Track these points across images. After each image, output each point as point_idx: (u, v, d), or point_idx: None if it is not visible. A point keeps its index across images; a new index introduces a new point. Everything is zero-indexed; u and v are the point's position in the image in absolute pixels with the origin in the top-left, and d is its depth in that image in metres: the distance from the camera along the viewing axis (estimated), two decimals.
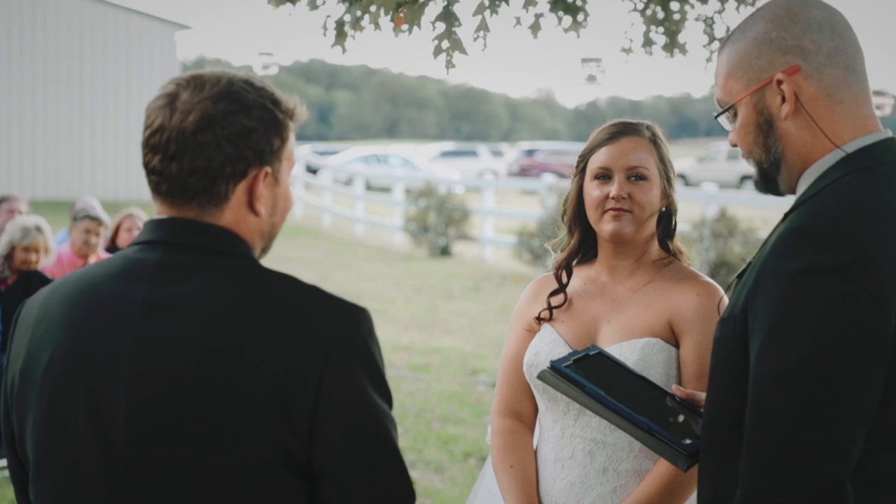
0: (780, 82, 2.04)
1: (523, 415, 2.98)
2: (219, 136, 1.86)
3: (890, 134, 2.07)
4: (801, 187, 2.07)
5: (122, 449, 1.82)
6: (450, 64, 5.00)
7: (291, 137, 1.97)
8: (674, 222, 2.94)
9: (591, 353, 2.42)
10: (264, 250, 2.01)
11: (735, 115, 2.12)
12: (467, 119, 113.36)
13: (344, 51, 5.89)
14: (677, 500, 2.74)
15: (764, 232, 14.42)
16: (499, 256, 19.67)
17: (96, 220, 7.96)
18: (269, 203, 1.95)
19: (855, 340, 1.81)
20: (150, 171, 1.91)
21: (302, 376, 1.79)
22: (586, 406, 2.32)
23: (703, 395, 2.39)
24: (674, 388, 2.39)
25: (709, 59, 5.60)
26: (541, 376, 2.37)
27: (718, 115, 2.16)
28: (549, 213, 17.30)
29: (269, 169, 1.92)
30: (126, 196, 27.70)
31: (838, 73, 2.05)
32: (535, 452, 2.95)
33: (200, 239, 1.89)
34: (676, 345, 2.80)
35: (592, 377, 2.31)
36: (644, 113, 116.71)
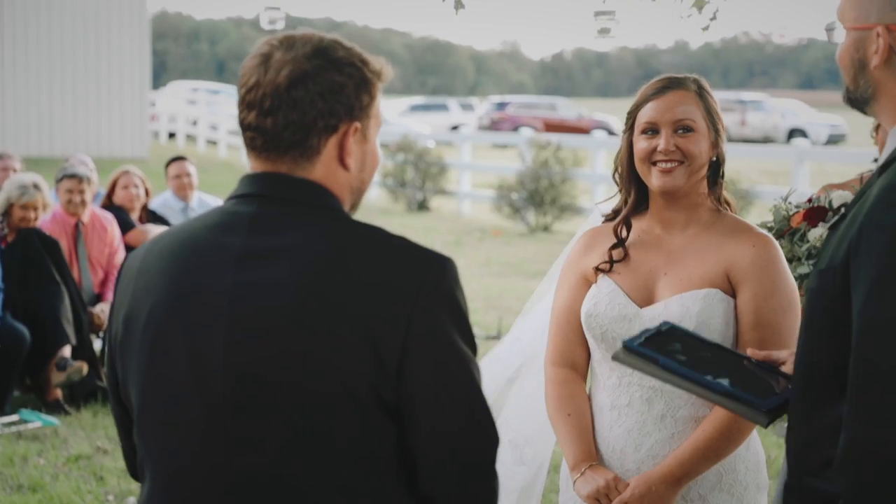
0: (878, 34, 2.08)
1: (577, 364, 3.04)
2: (311, 91, 1.95)
3: None
4: (892, 141, 2.10)
5: (219, 391, 1.90)
6: (459, 4, 5.02)
7: (379, 97, 2.04)
8: (721, 172, 2.99)
9: (663, 328, 2.47)
10: (353, 206, 2.08)
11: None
12: (433, 72, 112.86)
13: None
14: (733, 446, 2.82)
15: (746, 184, 14.52)
16: (477, 210, 19.70)
17: (75, 177, 7.82)
18: (358, 159, 2.02)
19: None
20: (245, 127, 1.99)
21: (391, 320, 1.87)
22: (663, 380, 2.38)
23: (779, 354, 2.44)
24: (749, 352, 2.44)
25: None
26: (615, 357, 2.42)
27: (831, 28, 2.22)
28: (529, 166, 17.35)
29: (358, 124, 2.00)
30: (97, 153, 27.44)
31: None
32: (589, 400, 3.02)
33: (293, 192, 1.97)
34: (733, 295, 2.86)
35: (666, 351, 2.37)
36: (610, 65, 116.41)
